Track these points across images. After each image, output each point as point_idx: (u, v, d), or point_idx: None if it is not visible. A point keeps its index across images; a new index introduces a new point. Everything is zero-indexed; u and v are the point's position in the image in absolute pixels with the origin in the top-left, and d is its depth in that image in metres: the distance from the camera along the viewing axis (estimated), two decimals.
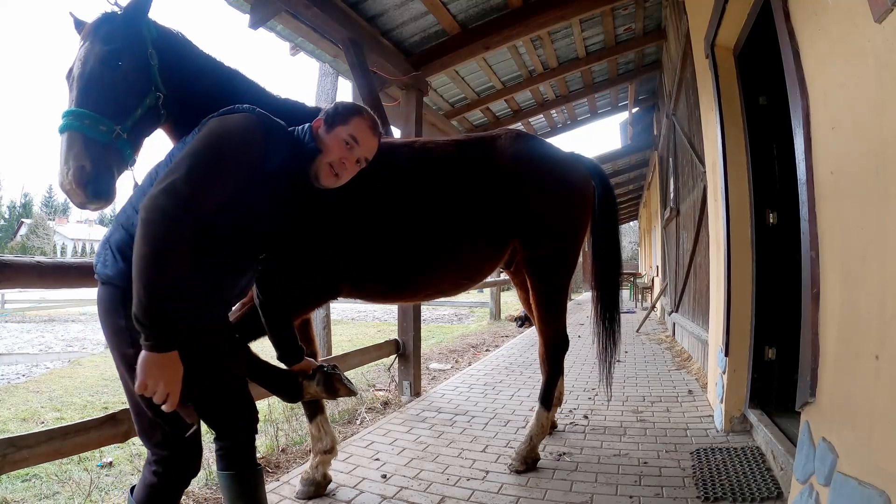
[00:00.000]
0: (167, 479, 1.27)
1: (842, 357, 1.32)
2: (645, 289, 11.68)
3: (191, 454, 1.31)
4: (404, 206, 2.02)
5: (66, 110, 1.34)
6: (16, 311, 13.90)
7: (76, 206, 1.33)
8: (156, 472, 1.27)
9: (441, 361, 5.32)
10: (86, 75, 1.35)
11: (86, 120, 1.31)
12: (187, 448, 1.29)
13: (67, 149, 1.29)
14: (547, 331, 2.40)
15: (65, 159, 1.29)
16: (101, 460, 2.87)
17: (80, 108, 1.33)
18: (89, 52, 1.37)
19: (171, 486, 1.29)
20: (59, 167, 1.30)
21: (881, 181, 1.11)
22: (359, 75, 3.26)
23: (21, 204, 54.44)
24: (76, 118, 1.31)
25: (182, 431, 1.26)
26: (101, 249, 1.30)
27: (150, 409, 1.21)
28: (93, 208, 1.33)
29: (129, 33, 1.42)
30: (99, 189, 1.31)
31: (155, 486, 1.27)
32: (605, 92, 6.79)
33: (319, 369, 1.64)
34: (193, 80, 1.56)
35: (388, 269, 2.04)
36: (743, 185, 2.58)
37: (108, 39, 1.38)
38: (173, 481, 1.29)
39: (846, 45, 1.24)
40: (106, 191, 1.32)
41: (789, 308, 2.30)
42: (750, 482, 2.05)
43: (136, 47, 1.42)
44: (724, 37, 2.60)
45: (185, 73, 1.53)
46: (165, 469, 1.27)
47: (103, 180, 1.31)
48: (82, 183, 1.28)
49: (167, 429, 1.25)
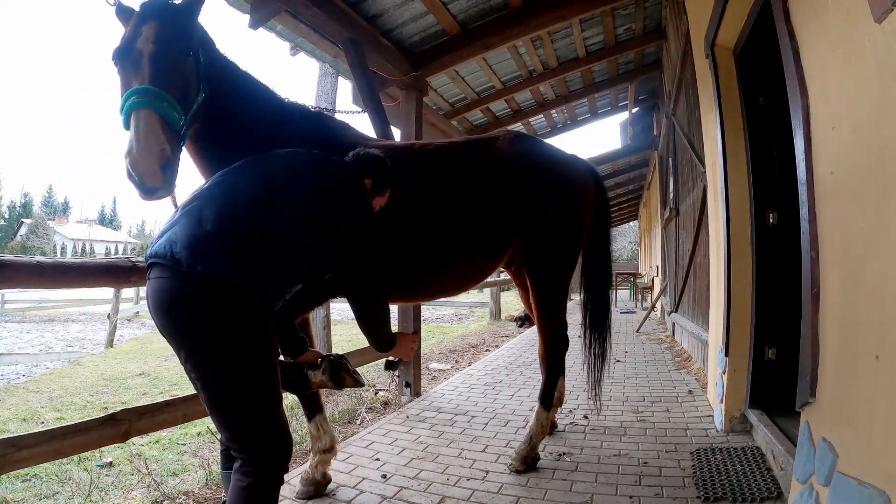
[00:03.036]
0: (262, 479, 1.27)
1: (842, 357, 1.32)
2: (645, 289, 11.68)
3: (288, 450, 1.33)
4: (404, 208, 2.02)
5: (142, 87, 1.22)
6: (16, 311, 13.89)
7: (144, 191, 1.22)
8: (249, 472, 1.26)
9: (441, 361, 5.32)
10: (160, 56, 1.25)
11: (164, 102, 1.23)
12: (286, 443, 1.32)
13: (147, 128, 1.18)
14: (547, 330, 2.41)
15: (145, 139, 1.18)
16: (101, 460, 2.87)
17: (158, 88, 1.23)
18: (160, 34, 1.27)
19: (269, 483, 1.29)
20: (136, 146, 1.18)
21: (881, 181, 1.11)
22: (359, 75, 3.26)
23: (21, 204, 54.45)
24: (155, 97, 1.21)
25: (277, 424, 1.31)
26: (200, 242, 1.23)
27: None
28: (158, 196, 1.25)
29: (192, 26, 1.38)
30: (173, 177, 1.23)
31: (252, 486, 1.25)
32: (605, 92, 6.79)
33: (326, 358, 1.64)
34: (219, 83, 1.52)
35: (390, 269, 2.05)
36: (743, 185, 2.58)
37: (179, 27, 1.32)
38: (272, 481, 1.29)
39: (846, 45, 1.24)
40: (175, 181, 1.26)
41: (789, 308, 2.30)
42: (750, 482, 2.05)
43: (195, 42, 1.38)
44: (723, 37, 2.60)
45: (213, 75, 1.49)
46: (260, 469, 1.26)
47: (176, 169, 1.25)
48: (163, 167, 1.19)
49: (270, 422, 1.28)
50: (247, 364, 1.25)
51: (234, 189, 1.35)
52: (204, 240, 1.24)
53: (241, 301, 1.24)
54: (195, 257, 1.21)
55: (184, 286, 1.22)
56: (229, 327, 1.23)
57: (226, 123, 1.61)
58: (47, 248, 43.06)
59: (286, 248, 1.33)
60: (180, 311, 1.22)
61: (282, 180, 1.40)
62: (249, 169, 1.43)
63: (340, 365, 1.64)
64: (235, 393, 1.25)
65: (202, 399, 1.28)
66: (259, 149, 1.61)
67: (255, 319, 1.27)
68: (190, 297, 1.22)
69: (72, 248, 46.45)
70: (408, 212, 2.03)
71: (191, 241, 1.23)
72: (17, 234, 47.21)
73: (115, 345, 8.85)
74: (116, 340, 9.18)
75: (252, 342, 1.26)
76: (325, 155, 1.57)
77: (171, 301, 1.23)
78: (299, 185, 1.40)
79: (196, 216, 1.28)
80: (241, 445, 1.27)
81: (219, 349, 1.23)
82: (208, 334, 1.22)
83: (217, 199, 1.32)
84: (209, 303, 1.22)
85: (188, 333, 1.23)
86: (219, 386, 1.25)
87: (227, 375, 1.24)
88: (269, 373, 1.30)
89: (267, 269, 1.29)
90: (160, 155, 1.19)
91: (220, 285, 1.22)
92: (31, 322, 12.44)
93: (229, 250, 1.24)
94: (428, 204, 2.07)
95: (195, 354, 1.24)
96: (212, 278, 1.21)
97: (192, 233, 1.25)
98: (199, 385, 1.26)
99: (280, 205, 1.35)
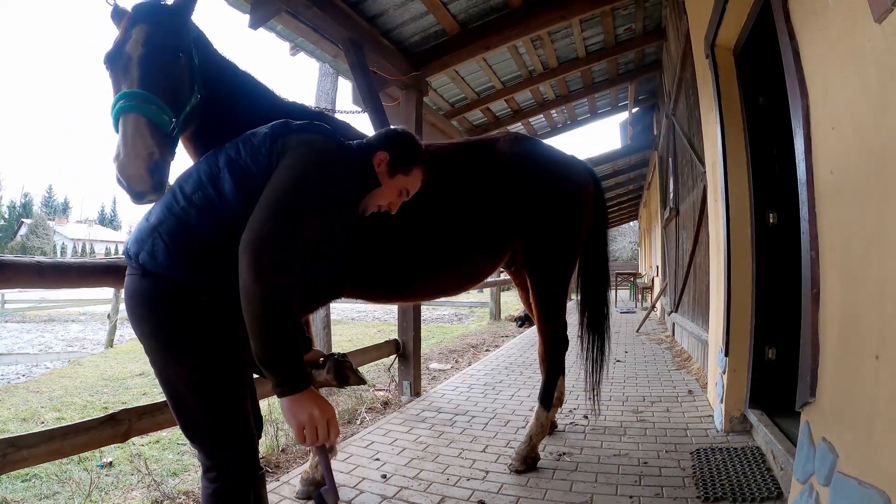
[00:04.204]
0: (229, 483, 1.19)
1: (842, 357, 1.32)
2: (645, 289, 11.68)
3: (252, 451, 1.24)
4: (405, 207, 2.02)
5: (131, 91, 1.21)
6: (16, 311, 13.88)
7: (134, 195, 1.20)
8: (213, 478, 1.19)
9: (441, 361, 5.32)
10: (150, 58, 1.25)
11: (153, 105, 1.21)
12: (248, 444, 1.23)
13: (135, 132, 1.18)
14: (547, 330, 2.41)
15: (132, 143, 1.17)
16: (101, 460, 2.87)
17: (146, 92, 1.22)
18: (150, 36, 1.27)
19: (236, 486, 1.20)
20: (123, 151, 1.17)
21: (881, 181, 1.11)
22: (359, 75, 3.26)
23: (21, 204, 54.48)
24: (144, 101, 1.20)
25: (241, 427, 1.21)
26: (146, 237, 1.19)
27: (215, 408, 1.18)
28: (148, 200, 1.23)
29: (184, 28, 1.36)
30: (163, 181, 1.21)
31: (218, 491, 1.18)
32: (605, 92, 6.78)
33: (330, 357, 1.64)
34: (215, 84, 1.51)
35: (390, 270, 2.05)
36: (743, 185, 2.58)
37: (169, 29, 1.31)
38: (238, 483, 1.20)
39: (846, 45, 1.24)
40: (165, 184, 1.24)
41: (789, 308, 2.30)
42: (750, 482, 2.05)
43: (187, 43, 1.36)
44: (724, 37, 2.60)
45: (209, 76, 1.48)
46: (224, 472, 1.19)
47: (166, 172, 1.23)
48: (150, 171, 1.18)
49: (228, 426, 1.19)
50: (197, 364, 1.17)
51: (182, 178, 1.30)
52: (145, 232, 1.21)
53: (183, 296, 1.17)
54: (139, 250, 1.19)
55: (133, 281, 1.19)
56: (173, 325, 1.17)
57: (225, 124, 1.60)
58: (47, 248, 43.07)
59: (225, 236, 1.19)
60: (131, 308, 1.20)
61: (232, 160, 1.27)
62: (205, 159, 1.33)
63: (344, 364, 1.64)
64: (187, 394, 1.19)
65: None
66: None
67: (200, 316, 1.18)
68: (137, 291, 1.18)
69: (72, 248, 46.45)
70: (408, 212, 2.03)
71: (137, 234, 1.22)
72: (17, 234, 47.23)
73: (115, 345, 8.85)
74: (116, 340, 9.18)
75: (199, 340, 1.18)
76: (279, 125, 1.36)
77: (128, 297, 1.21)
78: (246, 159, 1.26)
79: (148, 210, 1.27)
80: (202, 449, 1.21)
81: (167, 348, 1.17)
82: (155, 332, 1.18)
83: (168, 192, 1.27)
84: (152, 298, 1.17)
85: (142, 332, 1.20)
86: (170, 387, 1.19)
87: (178, 376, 1.18)
88: (223, 372, 1.21)
89: (206, 261, 1.19)
90: (148, 159, 1.18)
91: (162, 280, 1.17)
92: (31, 322, 12.44)
93: (167, 243, 1.18)
94: (428, 204, 2.07)
95: (149, 353, 1.20)
96: (154, 274, 1.17)
97: (139, 227, 1.25)
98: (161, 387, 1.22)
99: (221, 186, 1.23)
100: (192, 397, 1.19)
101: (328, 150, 1.26)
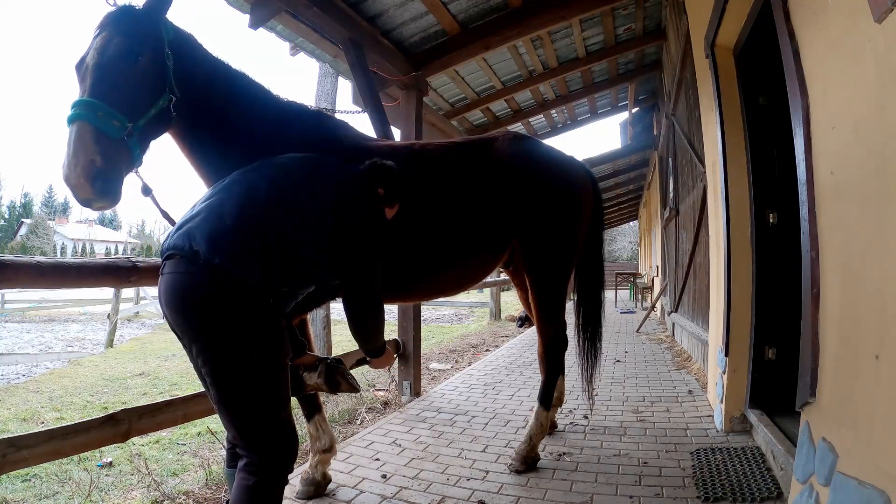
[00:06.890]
0: (268, 478, 1.26)
1: (842, 357, 1.32)
2: (645, 289, 11.68)
3: (294, 448, 1.33)
4: (405, 208, 2.02)
5: (78, 100, 1.24)
6: (16, 311, 13.87)
7: (80, 202, 1.23)
8: (253, 471, 1.25)
9: (441, 361, 5.32)
10: (102, 66, 1.27)
11: (99, 112, 1.23)
12: (291, 441, 1.32)
13: (77, 140, 1.20)
14: (546, 330, 2.41)
15: (74, 151, 1.19)
16: (101, 460, 2.87)
17: (94, 99, 1.24)
18: (107, 43, 1.29)
19: (273, 482, 1.28)
20: (66, 159, 1.20)
21: (881, 181, 1.11)
22: (359, 75, 3.26)
23: (21, 204, 54.46)
24: (89, 109, 1.22)
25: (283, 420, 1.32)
26: (221, 238, 1.25)
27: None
28: (97, 207, 1.25)
29: (149, 30, 1.37)
30: (108, 187, 1.23)
31: (257, 485, 1.25)
32: (605, 92, 6.79)
33: (323, 362, 1.64)
34: (205, 85, 1.52)
35: (391, 270, 2.04)
36: (743, 185, 2.58)
37: (129, 33, 1.32)
38: (275, 479, 1.28)
39: (846, 45, 1.24)
40: (114, 190, 1.25)
41: (789, 308, 2.30)
42: (750, 482, 2.05)
43: (154, 45, 1.37)
44: (724, 37, 2.60)
45: (197, 77, 1.49)
46: (263, 467, 1.26)
47: (112, 178, 1.24)
48: (91, 178, 1.19)
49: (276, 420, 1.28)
50: (258, 362, 1.24)
51: (254, 187, 1.36)
52: (224, 234, 1.24)
53: (256, 298, 1.24)
54: (214, 250, 1.21)
55: (200, 280, 1.21)
56: (243, 324, 1.23)
57: (218, 123, 1.60)
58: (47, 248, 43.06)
59: (300, 251, 1.33)
60: (195, 306, 1.22)
61: (303, 184, 1.41)
62: (271, 169, 1.44)
63: (337, 370, 1.64)
64: (245, 391, 1.24)
65: (210, 396, 1.28)
66: (257, 148, 1.60)
67: (268, 318, 1.27)
68: (206, 291, 1.21)
69: (72, 248, 46.42)
70: (408, 212, 2.03)
71: (211, 234, 1.24)
72: (17, 234, 47.21)
73: (115, 345, 8.85)
74: (116, 340, 9.18)
75: (265, 341, 1.26)
76: (346, 164, 1.59)
77: (186, 295, 1.22)
78: (318, 191, 1.42)
79: (217, 210, 1.29)
80: (247, 444, 1.26)
81: (231, 346, 1.22)
82: (222, 330, 1.22)
83: (239, 196, 1.33)
84: (225, 298, 1.21)
85: (201, 328, 1.22)
86: (229, 383, 1.24)
87: (238, 373, 1.23)
88: (279, 372, 1.30)
89: (281, 268, 1.29)
90: (89, 166, 1.19)
91: (237, 281, 1.21)
92: (31, 322, 12.43)
93: (247, 246, 1.24)
94: (428, 204, 2.07)
95: (207, 350, 1.23)
96: (228, 273, 1.20)
97: (212, 226, 1.26)
98: (208, 381, 1.26)
99: (298, 207, 1.36)
100: (246, 390, 1.24)
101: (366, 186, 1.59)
